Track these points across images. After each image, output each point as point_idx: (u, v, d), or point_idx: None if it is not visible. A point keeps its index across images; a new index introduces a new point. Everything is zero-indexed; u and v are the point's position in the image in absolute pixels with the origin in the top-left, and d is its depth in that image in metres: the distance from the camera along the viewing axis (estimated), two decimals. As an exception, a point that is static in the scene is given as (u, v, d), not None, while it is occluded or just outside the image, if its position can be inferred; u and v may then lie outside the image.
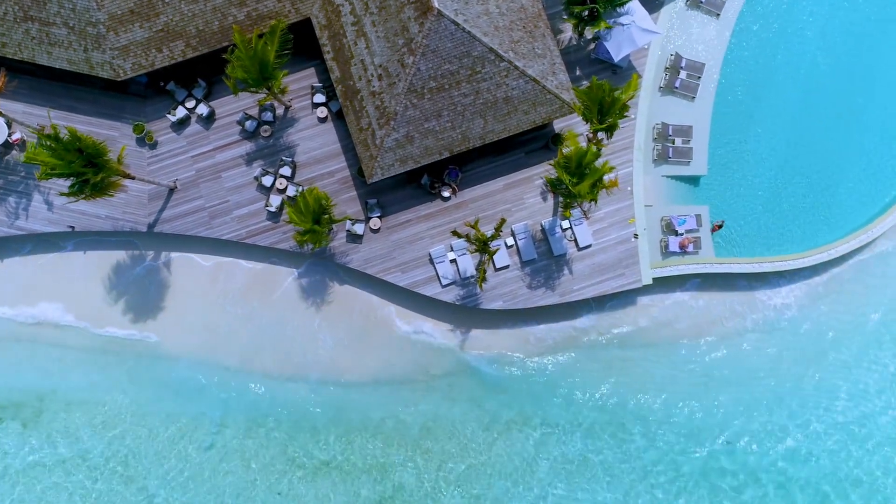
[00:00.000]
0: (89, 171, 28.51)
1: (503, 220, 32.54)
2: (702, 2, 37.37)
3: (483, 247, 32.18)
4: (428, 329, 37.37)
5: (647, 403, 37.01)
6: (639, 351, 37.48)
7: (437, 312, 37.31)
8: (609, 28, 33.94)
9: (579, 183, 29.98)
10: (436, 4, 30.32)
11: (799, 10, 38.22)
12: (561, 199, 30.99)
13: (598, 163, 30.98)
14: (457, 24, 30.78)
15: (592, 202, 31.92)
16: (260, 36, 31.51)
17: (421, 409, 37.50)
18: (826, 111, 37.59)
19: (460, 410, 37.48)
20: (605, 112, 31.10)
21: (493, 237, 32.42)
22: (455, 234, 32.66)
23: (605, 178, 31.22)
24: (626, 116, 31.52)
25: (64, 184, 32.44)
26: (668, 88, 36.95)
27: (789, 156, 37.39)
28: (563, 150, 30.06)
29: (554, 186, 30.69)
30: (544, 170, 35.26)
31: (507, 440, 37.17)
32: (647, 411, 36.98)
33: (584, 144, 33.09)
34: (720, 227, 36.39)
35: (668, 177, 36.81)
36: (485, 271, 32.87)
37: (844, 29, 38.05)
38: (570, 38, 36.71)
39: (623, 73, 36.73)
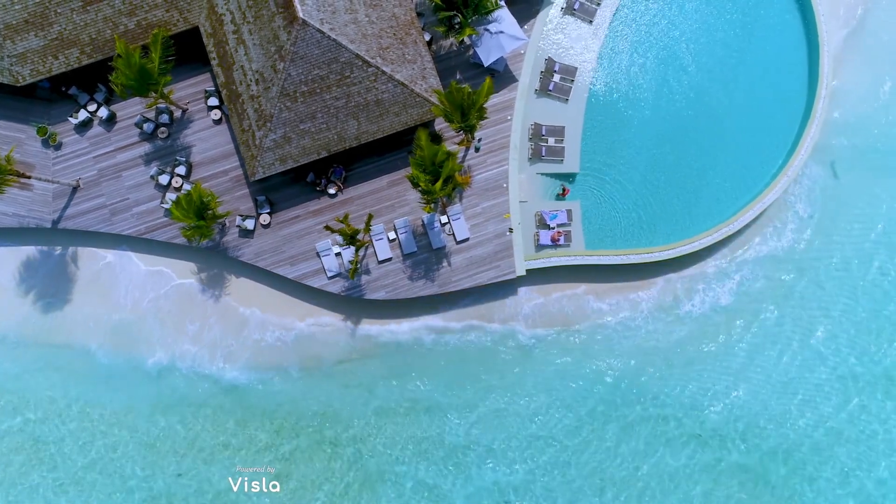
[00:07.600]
0: (-28, 170, 30.75)
1: (371, 216, 34.77)
2: (575, 8, 39.56)
3: (352, 241, 34.37)
4: (325, 321, 39.57)
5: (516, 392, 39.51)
6: (533, 338, 39.86)
7: (330, 304, 39.52)
8: (477, 35, 36.10)
9: (435, 181, 32.17)
10: (300, 14, 32.51)
11: (667, 17, 40.37)
12: (421, 195, 33.17)
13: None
14: (322, 32, 32.97)
15: (448, 198, 34.06)
16: (144, 47, 33.67)
17: (316, 395, 39.71)
18: (694, 111, 39.75)
19: (352, 396, 39.69)
20: (467, 114, 33.33)
21: (364, 231, 34.59)
22: (327, 228, 34.85)
23: (460, 174, 33.40)
24: (485, 118, 33.72)
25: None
26: (543, 91, 39.12)
27: (658, 154, 39.56)
28: (418, 150, 32.20)
29: (414, 184, 32.89)
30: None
31: (396, 424, 39.37)
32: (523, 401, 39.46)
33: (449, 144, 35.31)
34: (566, 192, 38.73)
35: (542, 174, 38.99)
36: (356, 263, 35.04)
37: (709, 33, 40.29)
38: (451, 44, 38.88)
39: (502, 76, 38.92)
